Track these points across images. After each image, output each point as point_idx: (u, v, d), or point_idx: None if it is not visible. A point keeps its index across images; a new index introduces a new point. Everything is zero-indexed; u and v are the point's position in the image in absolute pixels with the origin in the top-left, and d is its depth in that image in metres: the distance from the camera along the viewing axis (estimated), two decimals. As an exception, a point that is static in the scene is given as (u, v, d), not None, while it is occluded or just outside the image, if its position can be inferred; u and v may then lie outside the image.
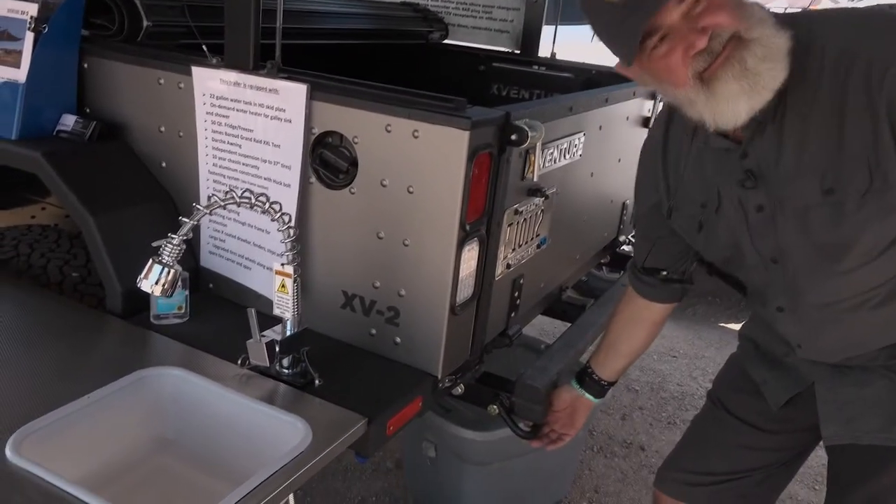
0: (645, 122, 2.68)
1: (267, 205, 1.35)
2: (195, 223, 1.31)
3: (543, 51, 3.11)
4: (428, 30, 3.16)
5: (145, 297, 1.66)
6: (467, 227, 1.51)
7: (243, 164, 1.68)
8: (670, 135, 1.40)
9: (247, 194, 1.34)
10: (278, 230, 1.40)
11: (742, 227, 1.31)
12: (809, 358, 1.40)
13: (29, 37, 1.75)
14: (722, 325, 4.34)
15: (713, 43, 1.06)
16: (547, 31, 3.11)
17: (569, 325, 2.21)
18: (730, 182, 1.28)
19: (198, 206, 1.31)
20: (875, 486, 1.37)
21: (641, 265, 1.60)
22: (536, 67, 2.98)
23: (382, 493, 2.57)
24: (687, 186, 1.39)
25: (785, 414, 1.51)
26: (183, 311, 1.69)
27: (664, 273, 1.58)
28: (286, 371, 1.49)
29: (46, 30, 1.75)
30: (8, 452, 1.17)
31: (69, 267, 1.91)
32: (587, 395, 1.76)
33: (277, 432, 1.35)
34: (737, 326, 4.30)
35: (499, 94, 3.04)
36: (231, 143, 1.69)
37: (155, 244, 1.57)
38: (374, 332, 1.64)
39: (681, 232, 1.46)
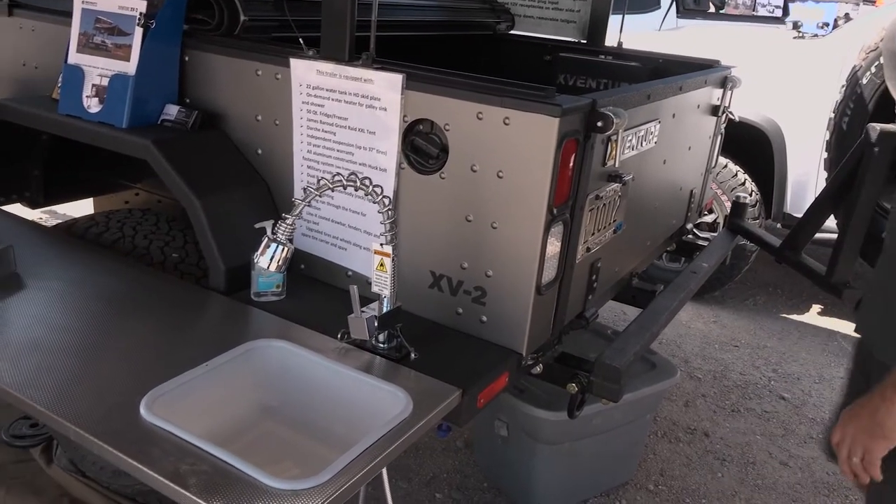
0: (714, 110, 2.70)
1: (370, 188, 1.44)
2: (307, 204, 1.40)
3: (610, 40, 3.14)
4: (496, 21, 3.22)
5: (245, 276, 1.77)
6: (554, 211, 1.58)
7: (337, 150, 1.78)
8: None
9: (352, 177, 1.43)
10: (378, 212, 1.49)
11: None
12: None
13: (138, 32, 1.88)
14: (783, 315, 4.31)
15: None
16: (613, 20, 3.14)
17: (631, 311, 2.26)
18: None
19: (310, 188, 1.40)
20: None
21: None
22: (603, 57, 3.01)
23: (453, 470, 2.66)
24: None
25: None
26: (280, 289, 1.79)
27: None
28: (382, 345, 1.58)
29: (154, 25, 1.87)
30: (142, 411, 1.29)
31: (169, 248, 2.04)
32: None
33: (377, 401, 1.44)
34: (798, 317, 4.28)
35: (565, 83, 3.08)
36: (325, 131, 1.78)
37: (258, 226, 1.69)
38: (460, 311, 1.72)
39: None
